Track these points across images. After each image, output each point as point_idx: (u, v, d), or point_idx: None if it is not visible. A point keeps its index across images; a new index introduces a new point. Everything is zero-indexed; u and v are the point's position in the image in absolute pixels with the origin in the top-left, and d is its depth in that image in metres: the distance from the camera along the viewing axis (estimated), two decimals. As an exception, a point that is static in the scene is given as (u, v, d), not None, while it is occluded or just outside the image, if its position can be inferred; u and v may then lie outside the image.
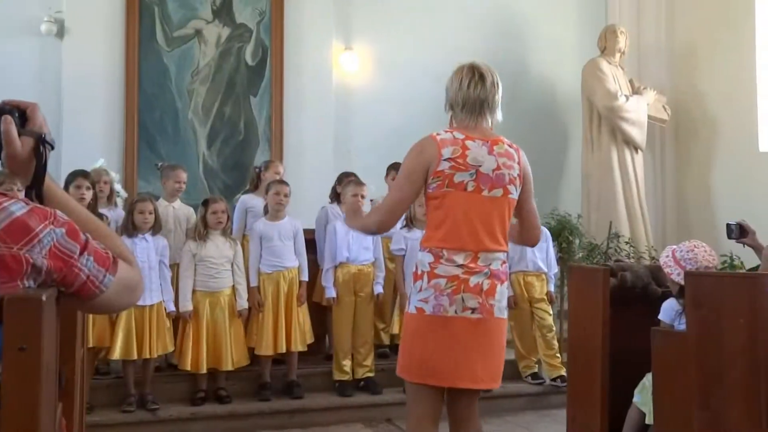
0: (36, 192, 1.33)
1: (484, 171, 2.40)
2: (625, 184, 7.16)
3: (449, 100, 2.53)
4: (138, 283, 1.37)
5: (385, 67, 6.99)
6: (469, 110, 2.46)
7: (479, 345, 2.39)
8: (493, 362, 2.45)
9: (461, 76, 2.48)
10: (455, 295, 2.35)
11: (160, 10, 6.36)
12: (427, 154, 2.41)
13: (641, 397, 3.08)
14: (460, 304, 2.36)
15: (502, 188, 2.44)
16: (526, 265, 5.05)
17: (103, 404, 4.26)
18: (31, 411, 1.02)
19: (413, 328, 2.43)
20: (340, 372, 4.68)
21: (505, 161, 2.45)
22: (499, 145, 2.47)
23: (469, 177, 2.39)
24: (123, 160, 6.16)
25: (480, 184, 2.40)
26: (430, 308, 2.37)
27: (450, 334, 2.36)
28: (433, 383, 2.38)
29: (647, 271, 3.38)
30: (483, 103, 2.47)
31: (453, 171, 2.38)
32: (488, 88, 2.48)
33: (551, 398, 4.89)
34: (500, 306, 2.45)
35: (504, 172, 2.44)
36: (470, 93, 2.46)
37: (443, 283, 2.36)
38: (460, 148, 2.40)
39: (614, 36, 7.25)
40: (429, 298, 2.37)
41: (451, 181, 2.38)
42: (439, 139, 2.42)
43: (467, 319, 2.36)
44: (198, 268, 4.40)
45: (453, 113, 2.53)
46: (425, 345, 2.38)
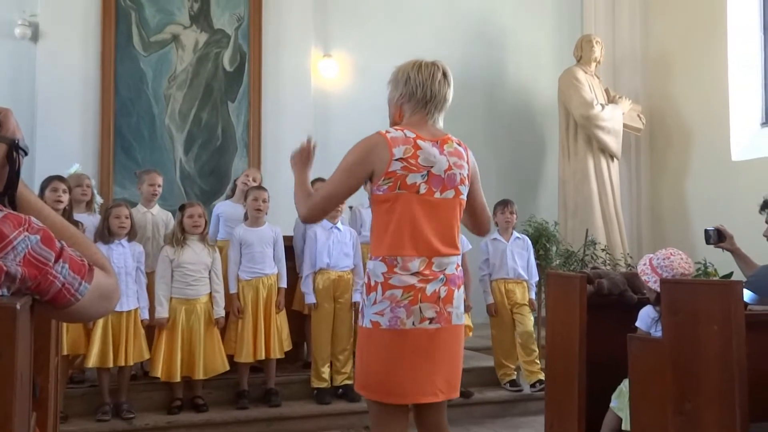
0: (9, 198, 1.31)
1: (436, 172, 2.28)
2: (601, 191, 7.24)
3: (408, 90, 2.35)
4: (114, 291, 1.36)
5: (364, 73, 7.01)
6: (433, 105, 2.34)
7: (439, 356, 2.28)
8: (453, 372, 2.33)
9: (431, 70, 2.35)
10: (413, 306, 2.23)
11: (136, 15, 6.31)
12: (377, 153, 2.26)
13: (618, 403, 3.11)
14: (417, 315, 2.23)
15: (454, 189, 2.33)
16: (506, 272, 5.08)
17: (77, 413, 4.19)
18: (5, 420, 1.00)
19: (369, 343, 2.28)
20: (319, 379, 4.66)
21: (455, 161, 2.34)
22: (449, 144, 2.35)
23: (421, 179, 2.26)
24: (98, 166, 6.10)
25: (432, 186, 2.28)
26: (386, 321, 2.23)
27: (409, 347, 2.23)
28: (394, 402, 2.25)
29: (623, 279, 3.42)
30: (445, 103, 2.37)
31: (405, 172, 2.24)
32: (450, 89, 2.38)
33: (529, 404, 4.92)
34: (458, 312, 2.34)
35: (455, 173, 2.33)
36: (440, 88, 2.33)
37: (399, 294, 2.23)
38: (412, 148, 2.26)
39: (590, 45, 7.35)
40: (384, 310, 2.23)
41: (404, 182, 2.25)
42: (389, 137, 2.27)
43: (425, 331, 2.24)
44: (175, 275, 4.34)
45: (406, 105, 2.37)
46: (383, 361, 2.24)
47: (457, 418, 4.61)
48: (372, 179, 2.30)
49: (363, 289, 2.35)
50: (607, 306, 3.28)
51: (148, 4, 6.35)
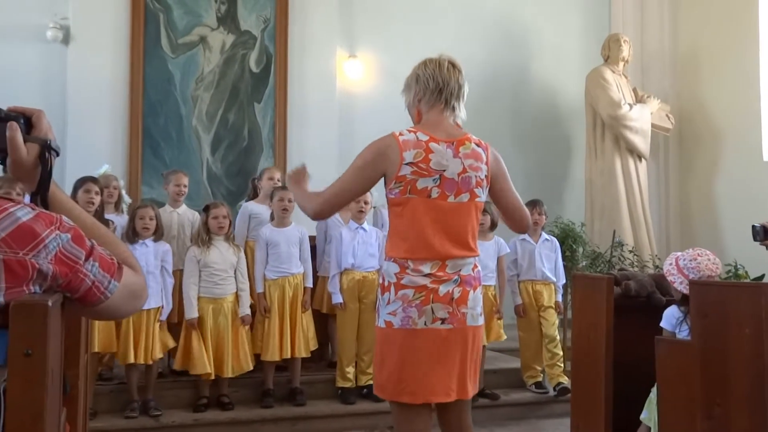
0: (41, 198, 1.33)
1: (449, 176, 2.25)
2: (629, 192, 7.16)
3: (419, 88, 2.35)
4: (142, 290, 1.37)
5: (389, 74, 7.00)
6: (448, 92, 2.31)
7: (451, 356, 2.26)
8: (466, 372, 2.31)
9: (437, 62, 2.34)
10: (424, 306, 2.22)
11: (165, 17, 6.39)
12: (388, 156, 2.25)
13: (648, 413, 3.06)
14: (429, 315, 2.23)
15: (469, 193, 2.29)
16: (534, 274, 5.04)
17: (106, 410, 4.26)
18: (36, 416, 1.02)
19: (383, 342, 2.30)
20: (344, 379, 4.67)
21: (471, 162, 2.29)
22: (466, 146, 2.31)
23: (432, 183, 2.24)
24: (127, 166, 6.18)
25: (445, 190, 2.25)
26: (399, 321, 2.24)
27: (420, 347, 2.23)
28: (407, 401, 2.24)
29: (651, 280, 3.37)
30: (461, 89, 2.34)
31: (415, 177, 2.23)
32: (461, 83, 2.35)
33: (554, 407, 4.88)
34: (474, 313, 2.32)
35: (471, 175, 2.29)
36: (450, 76, 2.31)
37: (411, 294, 2.23)
38: (423, 152, 2.24)
39: (618, 45, 7.27)
40: (397, 310, 2.24)
41: (414, 187, 2.23)
42: (401, 140, 2.25)
43: (437, 331, 2.23)
44: (202, 275, 4.39)
45: (422, 102, 2.35)
46: (396, 360, 2.25)
47: (482, 420, 4.59)
48: (385, 181, 2.31)
49: (378, 290, 2.37)
50: (634, 308, 3.24)
51: (176, 7, 6.42)
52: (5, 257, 1.08)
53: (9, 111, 1.32)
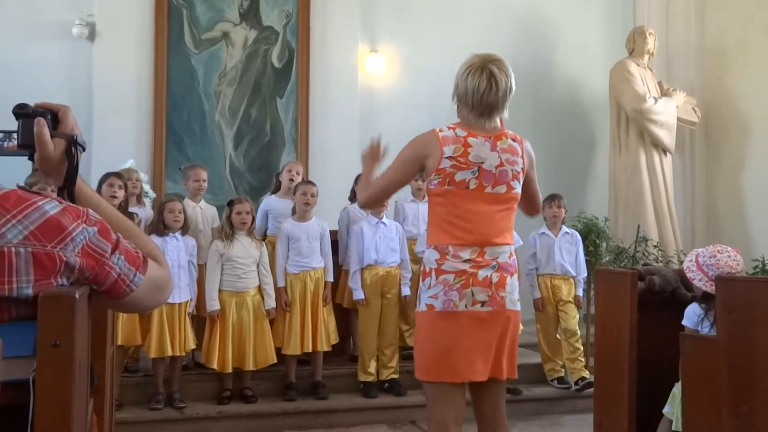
0: (68, 192, 1.35)
1: (487, 168, 2.37)
2: (654, 187, 7.07)
3: (458, 94, 2.47)
4: (167, 283, 1.39)
5: (411, 69, 7.00)
6: (477, 113, 2.42)
7: (490, 338, 2.37)
8: (506, 354, 2.41)
9: (478, 80, 2.38)
10: (464, 289, 2.34)
11: (188, 13, 6.44)
12: (428, 151, 2.39)
13: (671, 408, 3.03)
14: (470, 298, 2.34)
15: (506, 185, 2.41)
16: (553, 268, 5.01)
17: (131, 401, 4.32)
18: (64, 405, 1.03)
19: (424, 325, 2.41)
20: (365, 373, 4.69)
21: (508, 157, 2.42)
22: (503, 140, 2.43)
23: (471, 175, 2.37)
24: (151, 161, 6.25)
25: (482, 182, 2.37)
26: (440, 304, 2.35)
27: (461, 328, 2.34)
28: (449, 380, 2.34)
29: (676, 275, 3.33)
30: (493, 110, 2.42)
31: (454, 170, 2.36)
32: (500, 96, 2.40)
33: (577, 402, 4.85)
34: (512, 298, 2.42)
35: (507, 168, 2.41)
36: (483, 98, 2.38)
37: (451, 279, 2.34)
38: (462, 147, 2.37)
39: (642, 37, 7.18)
40: (438, 294, 2.35)
41: (453, 179, 2.36)
42: (441, 136, 2.39)
43: (477, 313, 2.35)
44: (225, 268, 4.43)
45: (458, 107, 2.49)
46: (438, 341, 2.36)
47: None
48: (426, 172, 2.42)
49: (420, 277, 2.47)
50: (659, 304, 3.21)
51: (199, 3, 6.47)
52: (34, 250, 1.10)
53: (36, 107, 1.34)
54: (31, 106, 1.34)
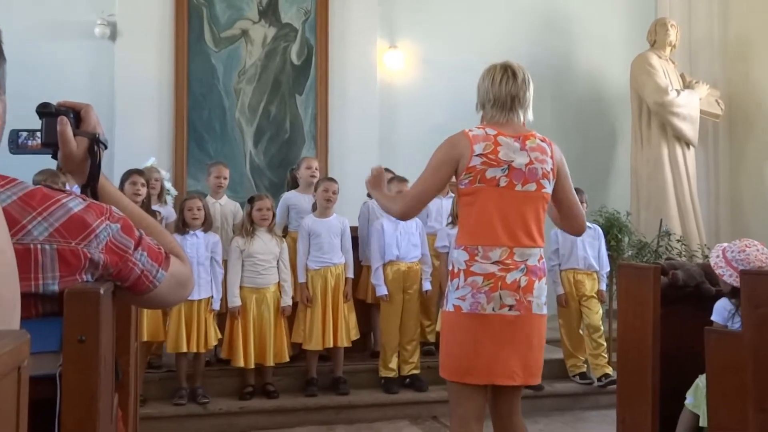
0: (91, 190, 1.37)
1: (517, 166, 2.40)
2: (677, 180, 6.99)
3: (480, 99, 2.54)
4: (189, 279, 1.40)
5: (430, 64, 6.98)
6: (500, 106, 2.46)
7: (517, 342, 2.38)
8: (531, 358, 2.42)
9: (492, 74, 2.49)
10: (492, 292, 2.35)
11: (208, 12, 6.48)
12: (459, 149, 2.41)
13: (694, 399, 3.01)
14: (497, 302, 2.35)
15: (536, 183, 2.42)
16: (576, 262, 4.96)
17: (155, 397, 4.37)
18: (91, 400, 1.05)
19: (451, 326, 2.43)
20: (386, 369, 4.69)
21: (537, 156, 2.44)
22: (531, 140, 2.46)
23: (501, 172, 2.39)
24: (173, 159, 6.30)
25: (513, 179, 2.39)
26: (468, 306, 2.36)
27: (487, 331, 2.35)
28: (472, 381, 2.37)
29: (700, 270, 3.29)
30: (514, 99, 2.47)
31: (485, 167, 2.38)
32: (519, 85, 2.48)
33: (599, 398, 4.81)
34: (539, 302, 2.43)
35: (537, 167, 2.43)
36: (501, 89, 2.46)
37: (480, 281, 2.36)
38: (492, 144, 2.39)
39: (664, 29, 7.09)
40: (466, 296, 2.37)
41: (483, 176, 2.38)
42: (471, 134, 2.42)
43: (504, 317, 2.36)
44: (245, 265, 4.46)
45: (484, 111, 2.53)
46: (463, 343, 2.38)
47: (526, 410, 4.51)
48: (456, 174, 2.45)
49: (446, 275, 2.51)
50: (682, 298, 3.17)
51: (219, 1, 6.50)
52: (59, 247, 1.12)
53: (59, 106, 1.36)
54: (54, 105, 1.36)
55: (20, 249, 1.06)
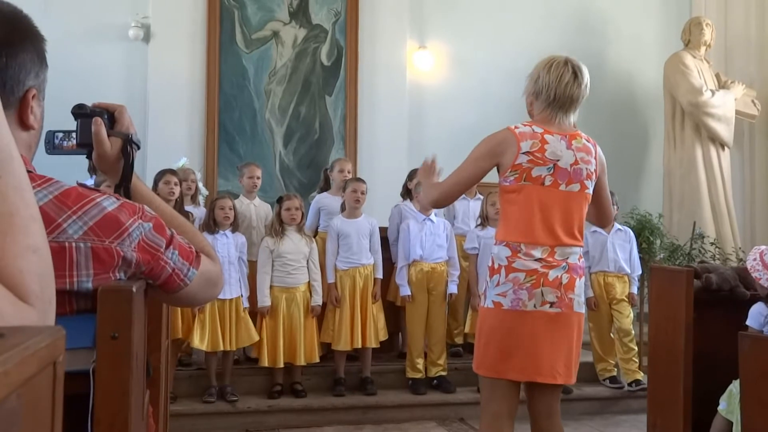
0: (124, 189, 1.40)
1: (562, 165, 2.38)
2: (711, 182, 6.87)
3: (536, 89, 2.46)
4: (219, 278, 1.42)
5: (459, 65, 6.95)
6: (557, 106, 2.43)
7: (558, 339, 2.36)
8: (571, 357, 2.41)
9: (560, 71, 2.42)
10: (534, 289, 2.33)
11: (239, 13, 6.54)
12: (504, 146, 2.39)
13: (727, 405, 2.95)
14: (539, 298, 2.33)
15: (579, 183, 2.41)
16: (607, 265, 4.90)
17: (185, 394, 4.42)
18: (123, 395, 1.07)
19: (491, 322, 2.40)
20: (414, 370, 4.69)
21: (583, 156, 2.43)
22: (577, 140, 2.45)
23: (546, 171, 2.37)
24: (204, 159, 6.37)
25: (557, 179, 2.37)
26: (509, 302, 2.34)
27: (529, 328, 2.33)
28: (513, 378, 2.35)
29: (734, 273, 3.23)
30: (573, 104, 2.45)
31: (531, 165, 2.36)
32: (582, 89, 2.45)
33: (630, 402, 4.75)
34: (579, 300, 2.42)
35: (582, 167, 2.41)
36: (566, 90, 2.41)
37: (522, 277, 2.33)
38: (539, 142, 2.37)
39: (699, 28, 6.96)
40: (507, 292, 2.34)
41: (529, 174, 2.36)
42: (518, 132, 2.40)
43: (546, 313, 2.34)
44: (275, 264, 4.49)
45: (536, 102, 2.47)
46: (503, 339, 2.35)
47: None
48: (499, 171, 2.43)
49: (486, 272, 2.47)
50: (716, 302, 3.12)
51: (250, 3, 6.56)
52: (93, 245, 1.14)
53: (94, 107, 1.38)
54: (89, 106, 1.38)
55: (55, 247, 1.08)
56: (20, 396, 0.52)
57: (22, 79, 1.14)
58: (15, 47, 1.12)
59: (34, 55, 1.16)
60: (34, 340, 0.55)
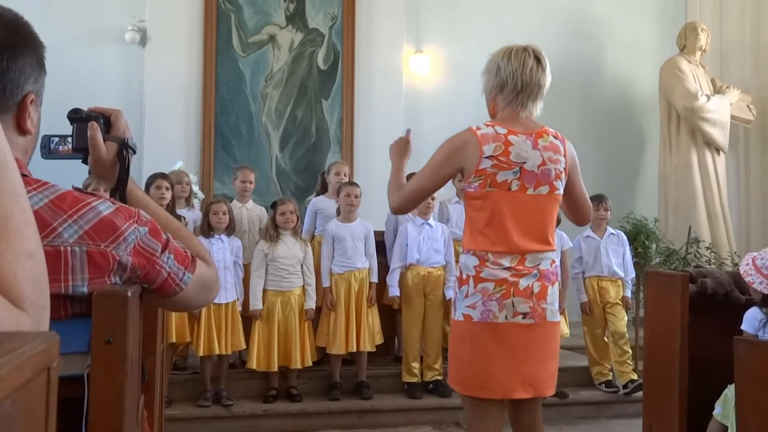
0: (119, 193, 1.40)
1: (529, 168, 2.23)
2: (706, 187, 6.89)
3: (499, 82, 2.29)
4: (215, 282, 1.42)
5: (456, 69, 6.96)
6: (526, 95, 2.27)
7: (532, 351, 2.23)
8: (547, 369, 2.29)
9: (522, 57, 2.26)
10: (505, 299, 2.20)
11: (236, 17, 6.54)
12: (466, 151, 2.23)
13: (722, 410, 2.96)
14: (510, 309, 2.20)
15: (548, 185, 2.27)
16: (600, 269, 4.93)
17: (180, 398, 4.41)
18: (117, 400, 1.07)
19: (461, 336, 2.27)
20: (409, 374, 4.69)
21: (551, 155, 2.27)
22: (544, 138, 2.29)
23: (512, 175, 2.22)
24: (200, 163, 6.37)
25: (524, 183, 2.23)
26: (478, 314, 2.21)
27: (500, 341, 2.20)
28: (487, 396, 2.22)
29: (730, 278, 3.23)
30: (541, 90, 2.29)
31: (495, 170, 2.21)
32: (546, 75, 2.29)
33: (625, 407, 4.76)
34: (553, 309, 2.28)
35: (550, 168, 2.26)
36: (532, 76, 2.25)
37: (491, 288, 2.20)
38: (503, 145, 2.22)
39: (694, 33, 7.00)
40: (476, 303, 2.21)
41: (494, 180, 2.22)
42: (480, 134, 2.24)
43: (519, 325, 2.21)
44: (269, 268, 4.49)
45: (500, 96, 2.31)
46: (475, 354, 2.22)
47: (551, 419, 4.51)
48: (463, 175, 2.29)
49: (455, 283, 2.34)
50: (711, 307, 3.12)
51: (247, 7, 6.56)
52: (88, 249, 1.14)
53: (89, 111, 1.39)
54: (84, 110, 1.39)
55: (50, 251, 1.08)
56: (14, 401, 0.52)
57: (21, 83, 1.14)
58: (15, 51, 1.13)
59: (33, 61, 1.17)
60: (29, 345, 0.55)
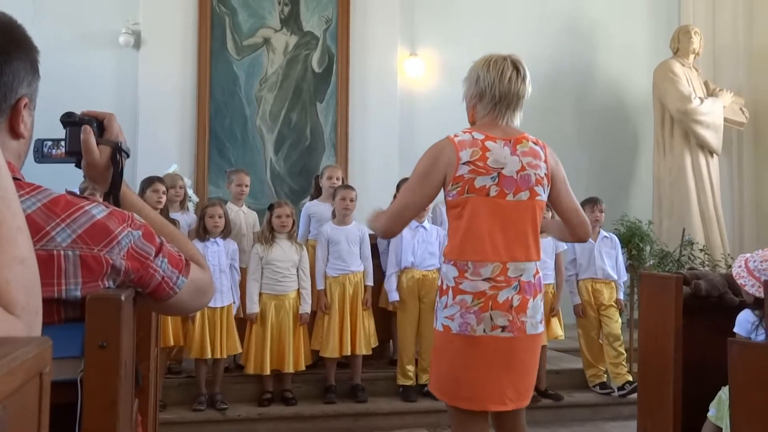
0: (113, 197, 1.39)
1: (507, 173, 2.20)
2: (700, 189, 6.91)
3: (478, 91, 2.29)
4: (209, 286, 1.41)
5: (450, 72, 6.95)
6: (504, 105, 2.26)
7: (509, 365, 2.22)
8: (523, 382, 2.27)
9: (500, 67, 2.26)
10: (483, 312, 2.18)
11: (230, 20, 6.54)
12: (445, 158, 2.21)
13: (717, 411, 2.96)
14: (488, 323, 2.18)
15: (529, 190, 2.23)
16: (594, 272, 4.95)
17: (175, 402, 4.40)
18: (111, 404, 1.06)
19: (441, 346, 2.29)
20: (404, 377, 4.69)
21: (530, 161, 2.24)
22: (523, 144, 2.26)
23: (491, 181, 2.19)
24: (194, 166, 6.35)
25: (503, 188, 2.20)
26: (457, 326, 2.19)
27: (479, 354, 2.19)
28: (465, 406, 2.23)
29: (723, 280, 3.25)
30: (519, 100, 2.28)
31: (473, 175, 2.19)
32: (526, 84, 2.29)
33: (620, 409, 4.76)
34: (533, 322, 2.25)
35: (529, 173, 2.23)
36: (510, 86, 2.24)
37: (469, 300, 2.18)
38: (480, 150, 2.20)
39: (688, 36, 7.03)
40: (455, 315, 2.20)
41: (472, 185, 2.19)
42: (456, 140, 2.23)
43: (497, 339, 2.18)
44: (264, 272, 4.48)
45: (479, 105, 2.31)
46: (453, 365, 2.23)
47: (546, 421, 4.52)
48: (444, 185, 2.27)
49: (437, 292, 2.33)
50: (705, 309, 3.13)
51: (241, 10, 6.56)
52: (82, 253, 1.13)
53: (83, 115, 1.38)
54: (77, 114, 1.38)
55: (43, 255, 1.07)
56: (6, 407, 0.52)
57: (15, 87, 1.14)
58: (9, 55, 1.12)
59: (27, 65, 1.16)
60: (21, 351, 0.55)
